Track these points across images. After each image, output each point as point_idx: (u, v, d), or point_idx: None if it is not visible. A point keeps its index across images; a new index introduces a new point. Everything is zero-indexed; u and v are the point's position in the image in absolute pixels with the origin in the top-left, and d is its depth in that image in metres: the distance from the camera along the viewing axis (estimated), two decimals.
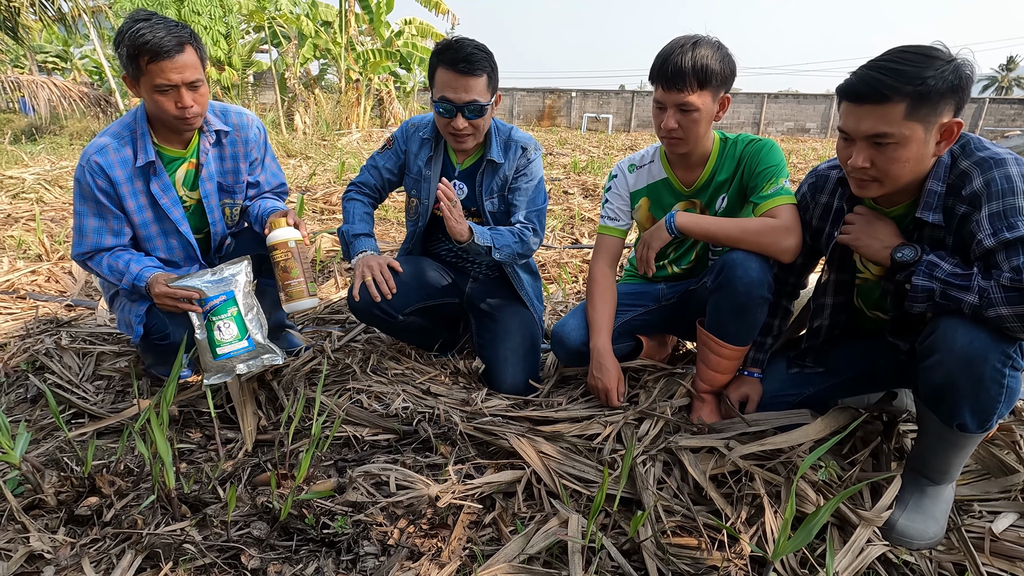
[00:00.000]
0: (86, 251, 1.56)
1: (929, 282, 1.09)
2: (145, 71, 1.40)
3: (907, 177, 1.12)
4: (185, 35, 1.43)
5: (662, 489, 1.31)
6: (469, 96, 1.56)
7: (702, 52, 1.37)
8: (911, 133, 1.06)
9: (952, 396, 1.11)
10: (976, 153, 1.10)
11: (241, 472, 1.39)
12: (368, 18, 12.47)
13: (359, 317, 1.80)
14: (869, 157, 1.11)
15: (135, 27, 1.38)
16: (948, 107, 1.05)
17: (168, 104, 1.44)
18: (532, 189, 1.77)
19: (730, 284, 1.40)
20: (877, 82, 1.05)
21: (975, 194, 1.07)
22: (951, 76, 1.02)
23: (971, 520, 1.30)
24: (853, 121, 1.10)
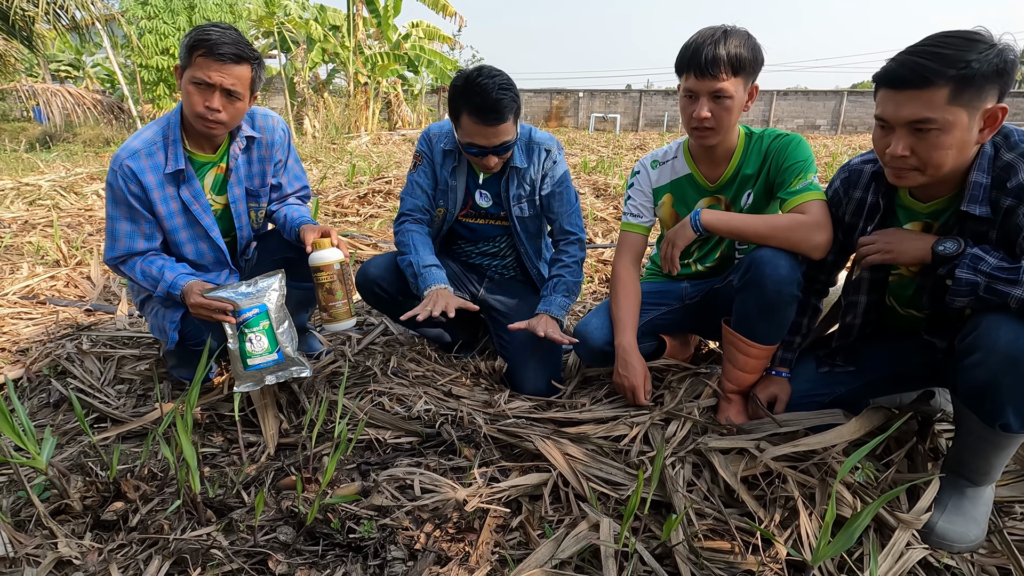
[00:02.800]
0: (119, 255, 1.56)
1: (973, 275, 1.06)
2: (193, 62, 1.43)
3: (950, 164, 1.08)
4: (249, 54, 1.46)
5: (692, 491, 1.29)
6: (499, 140, 1.56)
7: (734, 40, 1.35)
8: (955, 119, 1.03)
9: (995, 395, 1.07)
10: (1021, 145, 1.07)
11: (265, 476, 1.37)
12: (376, 22, 12.51)
13: (364, 296, 1.83)
14: (909, 145, 1.08)
15: (208, 28, 1.44)
16: (992, 92, 1.02)
17: (197, 99, 1.44)
18: (565, 192, 1.78)
19: (759, 282, 1.37)
20: (920, 66, 1.02)
21: (1021, 186, 1.04)
22: (996, 59, 0.99)
23: (1013, 522, 1.26)
24: (893, 108, 1.07)
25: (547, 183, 1.75)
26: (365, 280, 1.75)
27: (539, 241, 1.89)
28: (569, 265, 1.79)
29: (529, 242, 1.84)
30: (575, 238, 1.80)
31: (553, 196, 1.76)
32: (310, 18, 10.70)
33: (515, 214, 1.76)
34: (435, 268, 1.69)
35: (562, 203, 1.77)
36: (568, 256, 1.80)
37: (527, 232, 1.82)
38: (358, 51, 11.62)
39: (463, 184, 1.77)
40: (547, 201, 1.77)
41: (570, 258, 1.80)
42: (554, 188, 1.75)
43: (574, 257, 1.80)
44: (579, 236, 1.80)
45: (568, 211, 1.78)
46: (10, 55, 6.44)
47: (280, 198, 1.79)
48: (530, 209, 1.78)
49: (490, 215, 1.81)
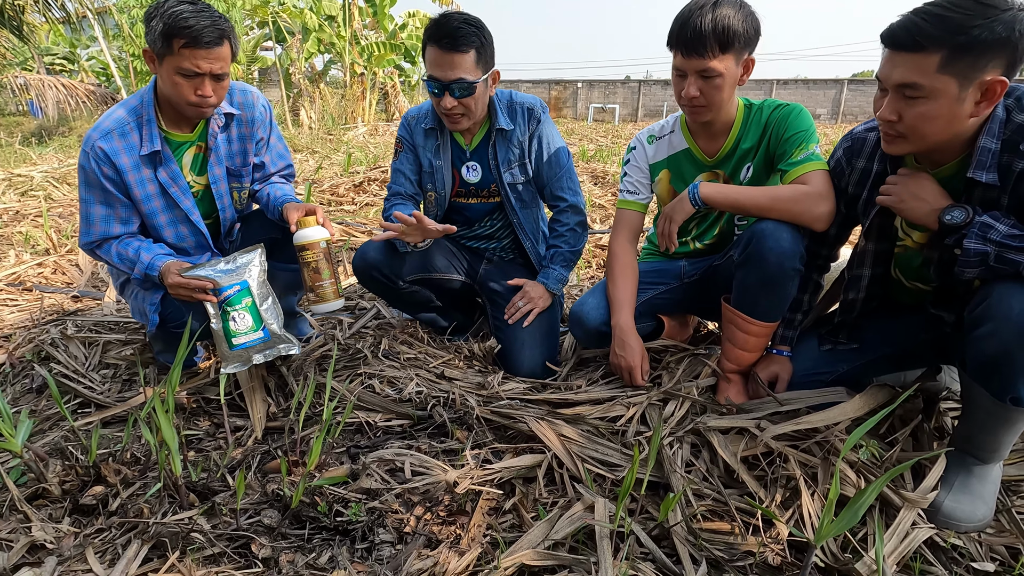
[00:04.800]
0: (94, 240, 1.51)
1: (983, 245, 1.01)
2: (176, 53, 1.34)
3: (935, 136, 1.04)
4: (227, 28, 1.39)
5: (691, 472, 1.25)
6: (455, 74, 1.49)
7: (723, 12, 1.28)
8: (943, 87, 0.98)
9: (1007, 367, 1.03)
10: None
11: (251, 460, 1.34)
12: (372, 11, 12.38)
13: (360, 279, 1.77)
14: (897, 110, 1.03)
15: (179, 8, 1.32)
16: (994, 63, 0.96)
17: (187, 90, 1.38)
18: (555, 152, 1.72)
19: (760, 255, 1.32)
20: (916, 28, 0.97)
21: None
22: (1001, 28, 0.93)
23: (1022, 501, 1.22)
24: (887, 68, 1.03)
25: (535, 144, 1.70)
26: (363, 264, 1.70)
27: (534, 212, 1.83)
28: (564, 235, 1.75)
29: (523, 212, 1.78)
30: (567, 205, 1.75)
31: (542, 158, 1.71)
32: (305, 8, 10.58)
33: (506, 180, 1.71)
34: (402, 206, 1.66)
35: (552, 166, 1.71)
36: (562, 225, 1.76)
37: (520, 201, 1.77)
38: (354, 41, 11.50)
39: (448, 162, 1.72)
40: (537, 165, 1.72)
41: (564, 227, 1.76)
42: (543, 149, 1.70)
43: (568, 224, 1.75)
44: (572, 202, 1.74)
45: (559, 174, 1.72)
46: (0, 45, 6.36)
47: (263, 177, 1.74)
48: (522, 174, 1.72)
49: (481, 192, 1.76)
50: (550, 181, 1.72)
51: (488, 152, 1.69)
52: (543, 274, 1.75)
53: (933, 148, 1.10)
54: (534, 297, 1.70)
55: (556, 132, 1.72)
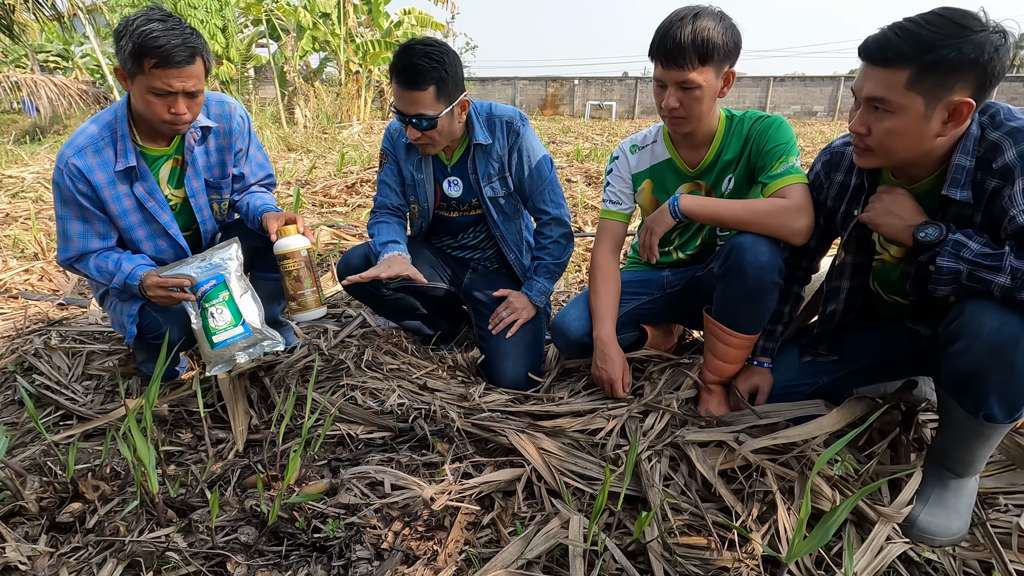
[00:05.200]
0: (72, 256, 1.50)
1: (955, 263, 1.01)
2: (147, 72, 1.32)
3: (902, 152, 1.05)
4: (199, 45, 1.36)
5: (668, 486, 1.25)
6: (415, 109, 1.49)
7: (703, 24, 1.28)
8: (909, 104, 0.99)
9: (979, 384, 1.04)
10: (1007, 123, 1.02)
11: (230, 474, 1.34)
12: (367, 9, 12.32)
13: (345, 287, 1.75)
14: (866, 123, 1.04)
15: (149, 27, 1.29)
16: (963, 84, 0.96)
17: (160, 108, 1.37)
18: (536, 165, 1.71)
19: (739, 269, 1.32)
20: (888, 43, 0.97)
21: (1007, 167, 0.99)
22: (970, 50, 0.93)
23: (997, 514, 1.23)
24: (861, 80, 1.05)
25: (515, 157, 1.69)
26: (347, 271, 1.70)
27: (517, 224, 1.83)
28: (547, 247, 1.76)
29: (505, 225, 1.78)
30: (550, 217, 1.74)
31: (523, 171, 1.70)
32: (299, 5, 10.52)
33: (487, 195, 1.71)
34: (391, 243, 1.66)
35: (534, 179, 1.70)
36: (545, 238, 1.76)
37: (502, 214, 1.77)
38: (349, 39, 11.45)
39: (430, 176, 1.72)
40: (518, 178, 1.71)
41: (547, 239, 1.76)
42: (523, 162, 1.69)
43: (551, 237, 1.75)
44: (555, 215, 1.74)
45: (541, 187, 1.71)
46: None
47: (243, 188, 1.73)
48: (502, 188, 1.72)
49: (462, 206, 1.76)
50: (532, 194, 1.72)
51: (468, 167, 1.69)
52: (527, 285, 1.75)
53: (902, 163, 1.10)
54: (518, 308, 1.70)
55: (537, 143, 1.71)
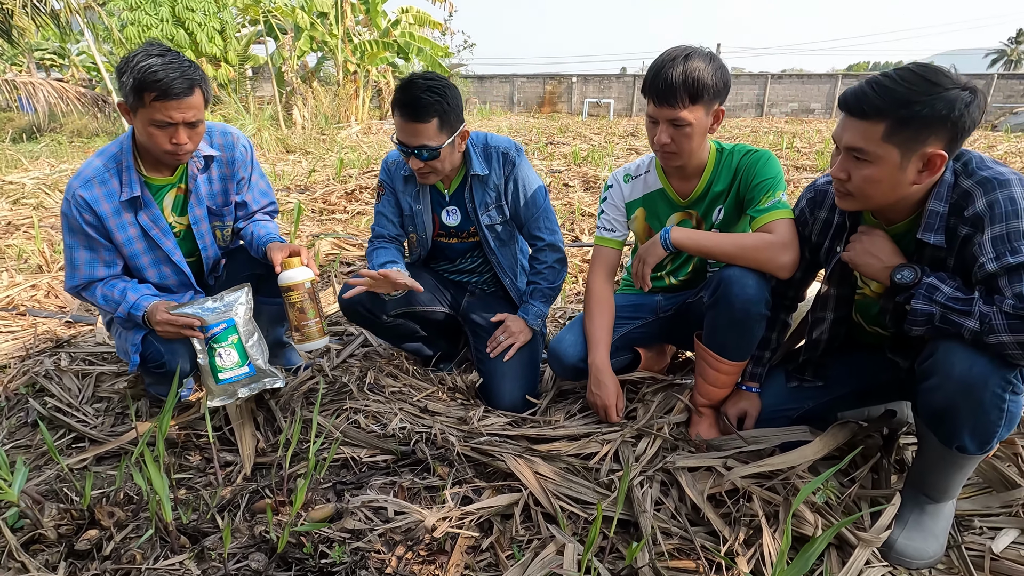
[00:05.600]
0: (79, 283, 1.56)
1: (929, 306, 1.07)
2: (148, 105, 1.38)
3: (880, 198, 1.11)
4: (197, 77, 1.41)
5: (659, 510, 1.31)
6: (418, 141, 1.54)
7: (693, 65, 1.33)
8: (885, 155, 1.04)
9: (951, 419, 1.09)
10: (979, 172, 1.07)
11: (239, 499, 1.39)
12: (364, 8, 12.31)
13: (346, 314, 1.82)
14: (847, 169, 1.10)
15: (148, 62, 1.35)
16: (936, 137, 1.02)
17: (162, 139, 1.42)
18: (531, 195, 1.76)
19: (727, 301, 1.38)
20: (865, 97, 1.03)
21: (978, 216, 1.04)
22: (942, 106, 0.99)
23: (972, 537, 1.29)
24: (840, 129, 1.11)
25: (511, 187, 1.74)
26: (348, 300, 1.73)
27: (512, 249, 1.88)
28: (543, 272, 1.81)
29: (500, 251, 1.84)
30: (544, 244, 1.80)
31: (519, 200, 1.75)
32: (296, 6, 10.51)
33: (483, 223, 1.76)
34: (389, 263, 1.71)
35: (529, 207, 1.76)
36: (540, 263, 1.81)
37: (498, 240, 1.82)
38: (347, 39, 11.45)
39: (428, 207, 1.77)
40: (514, 207, 1.77)
41: (542, 264, 1.81)
42: (519, 191, 1.74)
43: (546, 263, 1.80)
44: (549, 241, 1.79)
45: (535, 214, 1.77)
46: None
47: (247, 215, 1.78)
48: (499, 215, 1.77)
49: (460, 233, 1.81)
50: (528, 221, 1.77)
51: (465, 196, 1.74)
52: (523, 309, 1.80)
53: (881, 207, 1.16)
54: (515, 331, 1.75)
55: (532, 173, 1.77)
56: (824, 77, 20.55)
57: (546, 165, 7.11)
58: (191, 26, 7.46)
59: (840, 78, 20.19)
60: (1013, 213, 1.00)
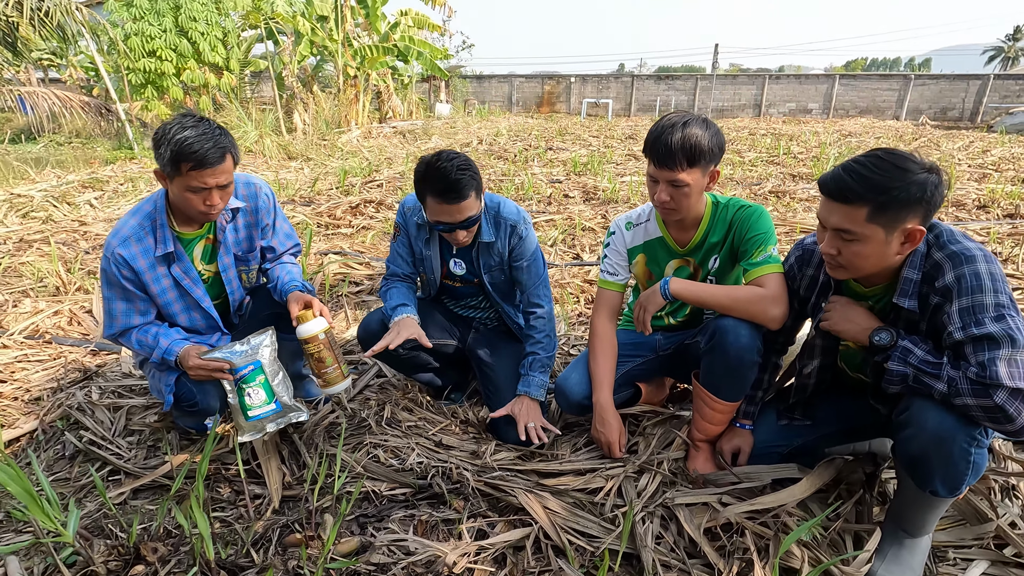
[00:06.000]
0: (116, 332, 1.67)
1: (903, 367, 1.18)
2: (185, 174, 1.48)
3: (869, 269, 1.22)
4: (228, 144, 1.52)
5: (660, 543, 1.42)
6: (463, 216, 1.63)
7: (691, 132, 1.44)
8: (871, 234, 1.16)
9: (925, 467, 1.21)
10: (949, 246, 1.18)
11: (271, 533, 1.50)
12: (364, 12, 12.35)
13: (364, 348, 1.92)
14: (836, 245, 1.21)
15: (184, 135, 1.45)
16: (912, 215, 1.14)
17: (197, 201, 1.53)
18: (532, 266, 1.86)
19: (722, 348, 1.49)
20: (846, 185, 1.14)
21: (947, 287, 1.16)
22: (915, 190, 1.11)
23: (946, 568, 1.40)
24: (824, 213, 1.21)
25: (515, 256, 1.85)
26: (367, 335, 1.86)
27: (514, 295, 2.01)
28: (540, 342, 1.88)
29: (504, 300, 1.96)
30: (542, 311, 1.88)
31: (521, 270, 1.86)
32: (297, 12, 10.57)
33: (487, 280, 1.88)
34: (400, 307, 1.81)
35: (529, 276, 1.86)
36: (538, 332, 1.88)
37: (501, 293, 1.94)
38: (347, 43, 11.51)
39: (437, 254, 1.88)
40: (516, 273, 1.87)
41: (540, 333, 1.88)
42: (521, 263, 1.85)
43: (543, 331, 1.88)
44: (547, 308, 1.89)
45: (535, 283, 1.87)
46: None
47: (274, 258, 1.89)
48: (501, 275, 1.89)
49: (465, 280, 1.93)
50: (527, 288, 1.87)
51: (472, 255, 1.85)
52: (524, 383, 1.84)
53: (876, 275, 1.27)
54: (530, 414, 1.80)
55: (535, 245, 1.85)
56: (821, 77, 20.64)
57: (546, 174, 7.20)
58: (194, 36, 7.52)
59: (837, 79, 20.28)
60: (977, 288, 1.11)
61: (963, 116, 19.28)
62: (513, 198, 5.75)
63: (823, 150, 9.30)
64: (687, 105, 21.36)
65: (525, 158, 8.66)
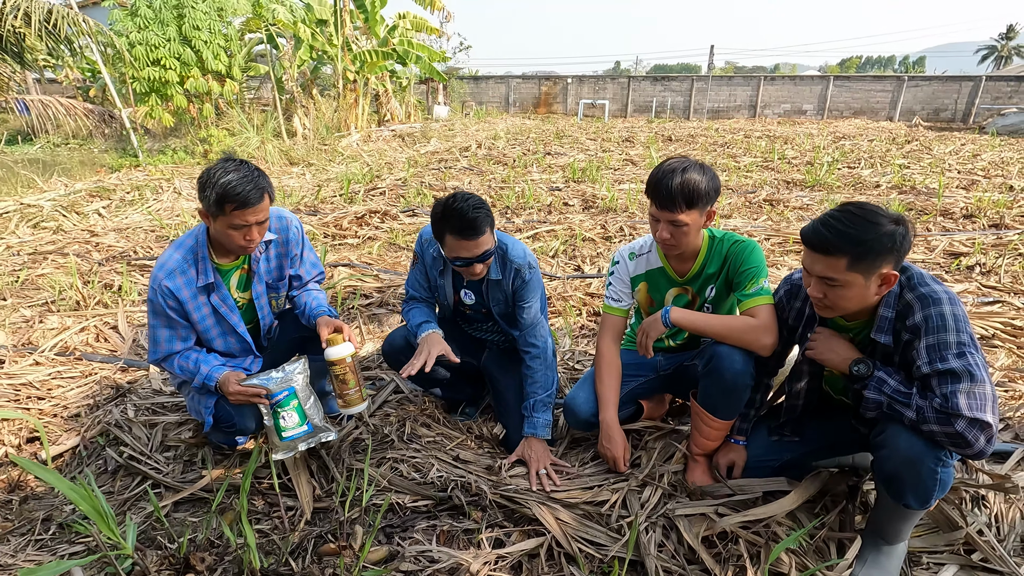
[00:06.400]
0: (160, 357, 1.81)
1: (879, 396, 1.33)
2: (228, 214, 1.63)
3: (853, 308, 1.37)
4: (265, 184, 1.67)
5: (662, 550, 1.57)
6: (480, 250, 1.76)
7: (690, 176, 1.58)
8: (852, 280, 1.30)
9: (898, 483, 1.36)
10: (919, 288, 1.33)
11: (307, 543, 1.64)
12: (363, 16, 12.43)
13: (388, 362, 2.09)
14: (822, 291, 1.35)
15: (228, 178, 1.60)
16: (886, 262, 1.29)
17: (238, 237, 1.67)
18: (530, 311, 1.98)
19: (718, 373, 1.64)
20: (826, 239, 1.29)
21: (916, 326, 1.30)
22: (886, 240, 1.26)
23: (920, 572, 1.55)
24: (809, 262, 1.35)
25: (518, 297, 1.98)
26: (392, 350, 2.01)
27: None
28: (538, 381, 1.97)
29: (512, 327, 2.09)
30: (538, 351, 1.98)
31: (522, 310, 1.98)
32: (297, 19, 10.65)
33: (496, 311, 2.02)
34: (424, 324, 1.94)
35: (528, 316, 1.98)
36: (535, 372, 1.97)
37: (509, 321, 2.08)
38: (346, 48, 11.59)
39: (450, 283, 2.03)
40: (517, 312, 2.00)
41: (537, 372, 1.97)
42: (523, 304, 1.97)
43: (540, 371, 1.97)
44: (541, 348, 1.99)
45: (532, 324, 1.98)
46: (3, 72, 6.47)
47: (301, 285, 2.03)
48: (507, 307, 2.03)
49: (475, 308, 2.07)
50: (524, 328, 1.99)
51: (481, 287, 1.99)
52: (530, 425, 1.93)
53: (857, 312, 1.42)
54: (540, 458, 1.87)
55: (538, 287, 1.97)
56: (816, 79, 20.82)
57: (545, 180, 7.34)
58: (197, 44, 7.61)
59: (831, 80, 20.46)
60: (943, 327, 1.26)
61: (956, 117, 19.51)
62: (514, 207, 5.88)
63: (817, 154, 9.48)
64: (683, 105, 21.52)
65: (524, 163, 8.79)
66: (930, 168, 8.06)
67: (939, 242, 4.40)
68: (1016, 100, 18.84)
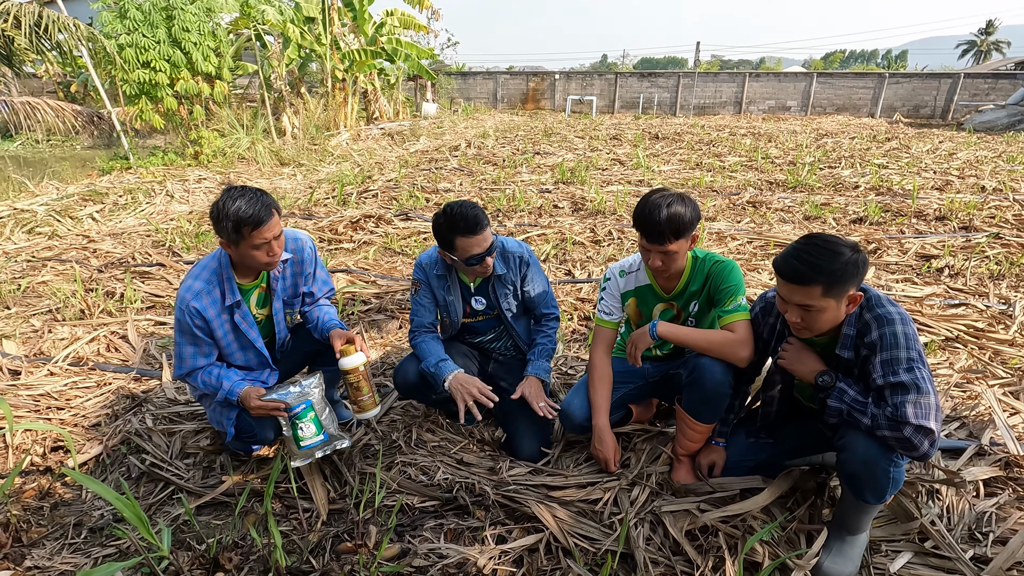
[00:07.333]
0: (185, 372, 1.93)
1: (839, 404, 1.50)
2: (247, 237, 1.75)
3: (827, 327, 1.54)
4: (271, 202, 1.80)
5: (649, 544, 1.74)
6: (488, 242, 1.99)
7: (674, 210, 1.73)
8: (827, 304, 1.47)
9: (857, 482, 1.53)
10: (876, 309, 1.51)
11: (325, 542, 1.78)
12: (351, 15, 12.42)
13: (400, 392, 2.22)
14: (799, 314, 1.52)
15: (237, 205, 1.73)
16: (853, 284, 1.45)
17: (261, 255, 1.81)
18: (540, 287, 2.22)
19: (700, 383, 1.80)
20: (800, 272, 1.45)
21: (873, 343, 1.48)
22: (851, 268, 1.43)
23: (879, 559, 1.73)
24: (786, 292, 1.51)
25: (526, 280, 2.22)
26: (407, 387, 2.18)
27: (526, 320, 2.32)
28: (548, 334, 2.28)
29: (516, 323, 2.28)
30: (553, 316, 2.30)
31: (532, 291, 2.23)
32: (286, 19, 10.63)
33: (504, 307, 2.20)
34: (442, 362, 2.10)
35: (540, 296, 2.25)
36: (548, 328, 2.29)
37: (514, 316, 2.26)
38: (335, 46, 11.59)
39: (459, 296, 2.19)
40: (527, 295, 2.23)
41: (550, 329, 2.29)
42: (532, 288, 2.22)
43: (553, 327, 2.30)
44: (555, 314, 2.30)
45: (545, 300, 2.27)
46: None
47: (312, 301, 2.16)
48: (515, 300, 2.23)
49: (484, 313, 2.24)
50: (540, 301, 2.25)
51: (488, 290, 2.17)
52: (534, 368, 2.18)
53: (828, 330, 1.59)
54: (539, 394, 2.12)
55: (540, 267, 2.23)
56: (800, 76, 21.13)
57: (535, 182, 7.48)
58: (187, 46, 7.60)
59: (815, 77, 20.78)
60: (895, 345, 1.44)
61: (935, 113, 19.94)
62: (505, 210, 6.02)
63: (799, 154, 9.71)
64: (670, 102, 21.73)
65: (514, 164, 8.91)
66: (907, 167, 8.32)
67: (912, 244, 4.62)
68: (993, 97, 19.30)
